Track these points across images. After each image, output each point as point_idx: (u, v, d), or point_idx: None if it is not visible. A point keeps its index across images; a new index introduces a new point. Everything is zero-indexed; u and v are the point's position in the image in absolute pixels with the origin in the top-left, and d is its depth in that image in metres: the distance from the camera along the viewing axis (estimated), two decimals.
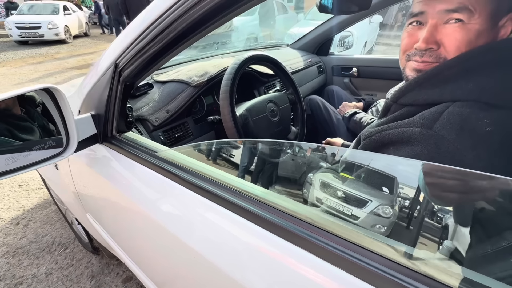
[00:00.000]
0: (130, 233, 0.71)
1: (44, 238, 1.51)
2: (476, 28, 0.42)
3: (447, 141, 0.38)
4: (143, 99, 0.93)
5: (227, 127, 0.79)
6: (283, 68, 1.07)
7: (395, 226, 0.34)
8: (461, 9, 0.42)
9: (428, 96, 0.44)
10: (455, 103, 0.41)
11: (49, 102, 0.57)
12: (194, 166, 0.52)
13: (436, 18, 0.44)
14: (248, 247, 0.41)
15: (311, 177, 0.44)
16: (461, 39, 0.43)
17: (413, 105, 0.46)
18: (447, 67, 0.44)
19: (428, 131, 0.40)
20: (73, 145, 0.60)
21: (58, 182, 1.07)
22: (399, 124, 0.44)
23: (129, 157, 0.62)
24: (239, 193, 0.43)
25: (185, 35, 0.49)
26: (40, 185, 1.94)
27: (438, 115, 0.40)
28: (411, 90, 0.47)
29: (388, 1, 1.38)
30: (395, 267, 0.28)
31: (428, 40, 0.45)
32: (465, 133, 0.38)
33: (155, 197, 0.57)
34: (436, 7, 0.44)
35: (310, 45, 1.86)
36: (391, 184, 0.36)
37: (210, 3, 0.41)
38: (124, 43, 0.56)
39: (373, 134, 0.47)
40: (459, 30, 0.43)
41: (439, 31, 0.45)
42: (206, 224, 0.47)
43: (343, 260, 0.31)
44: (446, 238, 0.29)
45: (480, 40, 0.43)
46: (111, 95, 0.62)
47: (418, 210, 0.33)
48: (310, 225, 0.35)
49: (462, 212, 0.30)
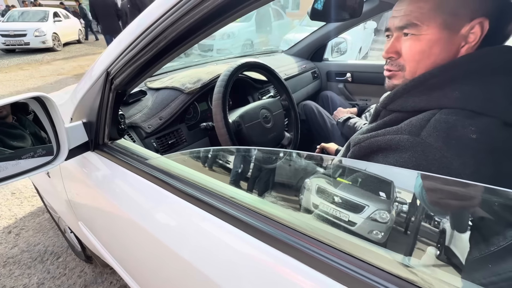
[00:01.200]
0: (122, 242, 0.70)
1: (36, 247, 1.48)
2: (427, 38, 0.46)
3: (434, 148, 0.39)
4: (136, 106, 0.93)
5: (220, 134, 0.79)
6: (276, 75, 1.08)
7: (392, 231, 0.34)
8: (409, 25, 0.47)
9: (415, 103, 0.45)
10: (441, 110, 0.42)
11: (40, 110, 0.56)
12: (186, 175, 0.52)
13: (396, 32, 0.50)
14: (242, 258, 0.40)
15: (308, 183, 0.44)
16: (414, 49, 0.47)
17: (401, 112, 0.47)
18: (433, 75, 0.45)
19: (416, 139, 0.40)
20: (63, 153, 0.59)
21: (50, 190, 1.06)
22: (387, 131, 0.45)
23: (121, 165, 0.62)
24: (233, 202, 0.43)
25: (176, 43, 0.49)
26: (34, 192, 1.92)
27: (425, 122, 0.41)
28: (399, 96, 0.48)
29: (379, 9, 1.41)
30: (393, 280, 0.28)
31: (389, 50, 0.51)
32: (451, 141, 0.39)
33: (147, 206, 0.57)
34: (394, 23, 0.50)
35: (304, 51, 1.88)
36: (388, 189, 0.36)
37: (201, 12, 0.42)
38: (115, 51, 0.57)
39: (362, 141, 0.48)
40: (411, 42, 0.48)
41: (399, 43, 0.50)
42: (199, 234, 0.46)
43: (337, 271, 0.30)
44: (444, 243, 0.29)
45: (435, 48, 0.46)
46: (103, 103, 0.62)
47: (415, 215, 0.33)
48: (305, 236, 0.35)
49: (458, 218, 0.31)
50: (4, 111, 0.57)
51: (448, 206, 0.32)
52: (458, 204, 0.31)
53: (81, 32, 9.73)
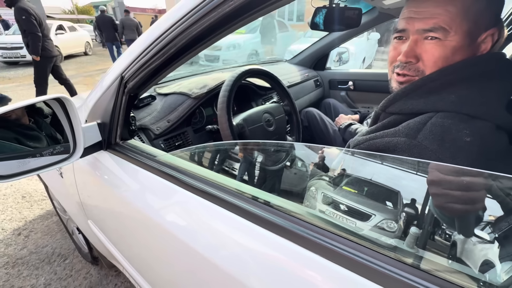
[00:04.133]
0: (133, 239, 0.73)
1: (44, 248, 1.52)
2: (452, 45, 0.45)
3: (429, 151, 0.40)
4: (146, 109, 0.98)
5: (224, 136, 0.83)
6: (278, 81, 1.13)
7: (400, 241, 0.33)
8: (436, 29, 0.45)
9: (413, 106, 0.46)
10: (437, 113, 0.43)
11: (60, 111, 0.61)
12: (193, 169, 0.55)
13: (416, 35, 0.48)
14: (253, 248, 0.41)
15: (313, 191, 0.44)
16: (438, 55, 0.46)
17: (399, 114, 0.49)
18: (431, 79, 0.46)
19: (412, 141, 0.41)
20: (79, 150, 0.64)
21: (61, 190, 1.10)
22: (385, 133, 0.46)
23: (132, 162, 0.66)
24: (241, 195, 0.45)
25: (183, 50, 0.54)
26: (43, 196, 1.97)
27: (421, 125, 0.42)
28: (398, 99, 0.49)
29: (378, 20, 1.46)
30: (402, 266, 0.28)
31: (408, 54, 0.48)
32: (446, 144, 0.40)
33: (157, 201, 0.60)
34: (415, 25, 0.47)
35: (307, 61, 1.93)
36: (395, 199, 0.36)
37: (207, 22, 0.46)
38: (129, 58, 0.62)
39: (361, 143, 0.49)
40: (436, 47, 0.46)
41: (418, 46, 0.48)
42: (209, 226, 0.48)
43: (351, 261, 0.31)
44: (456, 255, 0.28)
45: (456, 55, 0.46)
46: (116, 105, 0.67)
47: (424, 226, 0.32)
48: (315, 227, 0.35)
49: (466, 222, 0.30)
50: (13, 114, 0.60)
51: (457, 209, 0.31)
52: (466, 208, 0.30)
53: (88, 45, 9.98)
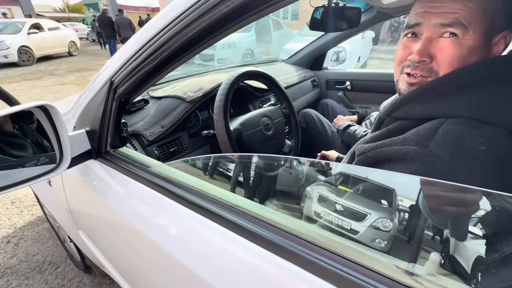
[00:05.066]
0: (123, 250, 0.70)
1: (35, 257, 1.47)
2: (469, 44, 0.42)
3: (442, 160, 0.38)
4: (138, 114, 0.94)
5: (221, 141, 0.79)
6: (276, 83, 1.10)
7: (395, 240, 0.33)
8: (456, 24, 0.42)
9: (421, 111, 0.44)
10: (448, 120, 0.40)
11: (44, 119, 0.57)
12: (188, 182, 0.52)
13: (431, 31, 0.44)
14: (245, 265, 0.40)
15: (309, 191, 0.43)
16: (454, 54, 0.43)
17: (406, 119, 0.46)
18: (441, 83, 0.44)
19: (424, 150, 0.39)
20: (66, 161, 0.60)
21: (51, 199, 1.05)
22: (393, 141, 0.43)
23: (123, 172, 0.62)
24: (234, 209, 0.43)
25: (178, 53, 0.50)
26: (34, 201, 1.91)
27: (432, 132, 0.40)
28: (405, 104, 0.46)
29: (377, 19, 1.43)
30: (396, 286, 0.27)
31: (422, 52, 0.45)
32: (459, 152, 0.37)
33: (148, 214, 0.57)
34: (432, 20, 0.44)
35: (304, 60, 1.90)
36: (389, 197, 0.36)
37: (202, 24, 0.43)
38: (119, 61, 0.58)
39: (368, 151, 0.46)
40: (452, 45, 0.43)
41: (433, 45, 0.45)
42: (200, 241, 0.46)
43: (340, 278, 0.30)
44: (448, 252, 0.28)
45: (472, 56, 0.43)
46: (106, 112, 0.63)
47: (419, 223, 0.32)
48: (307, 242, 0.34)
49: (459, 225, 0.30)
50: None
51: (450, 212, 0.31)
52: (459, 211, 0.31)
53: (73, 45, 9.32)
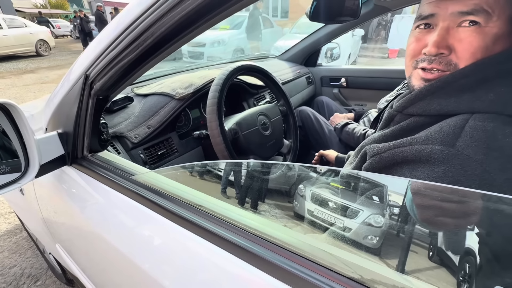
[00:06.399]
0: (103, 267, 0.62)
1: (12, 269, 1.35)
2: (493, 32, 0.38)
3: (473, 161, 0.33)
4: (121, 114, 0.85)
5: (215, 143, 0.72)
6: (273, 79, 1.03)
7: (386, 235, 0.33)
8: (477, 11, 0.38)
9: (441, 106, 0.40)
10: (473, 115, 0.36)
11: (4, 120, 0.48)
12: (176, 192, 0.46)
13: (448, 20, 0.41)
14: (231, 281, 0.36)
15: (302, 189, 0.43)
16: (476, 44, 0.39)
17: (422, 116, 0.42)
18: (463, 75, 0.39)
19: (451, 150, 0.35)
20: (33, 169, 0.51)
21: (25, 209, 0.95)
22: (414, 140, 0.39)
23: (102, 181, 0.54)
24: (225, 222, 0.38)
25: (164, 41, 0.43)
26: (11, 208, 1.77)
27: (459, 130, 0.36)
28: (421, 99, 0.42)
29: (374, 13, 1.40)
30: None
31: (439, 44, 0.41)
32: (492, 153, 0.33)
33: (130, 228, 0.50)
34: (449, 8, 0.40)
35: (298, 56, 1.87)
36: (380, 193, 0.35)
37: (191, 5, 0.36)
38: (95, 51, 0.50)
39: (383, 151, 0.41)
40: (474, 35, 0.39)
41: (451, 35, 0.41)
42: (188, 259, 0.40)
43: None
44: (437, 245, 0.29)
45: (498, 45, 0.39)
46: (81, 111, 0.55)
47: (409, 218, 0.32)
48: (298, 256, 0.32)
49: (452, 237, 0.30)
50: None
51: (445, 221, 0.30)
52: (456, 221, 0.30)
53: (44, 43, 8.36)
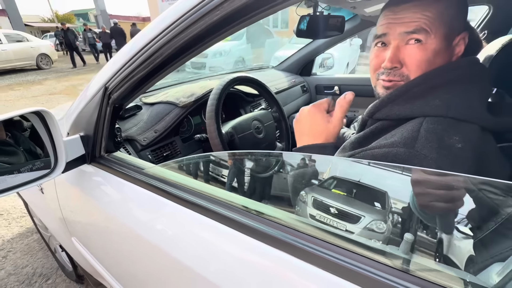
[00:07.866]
0: (120, 255, 0.70)
1: (24, 269, 1.43)
2: (433, 48, 0.47)
3: (429, 159, 0.39)
4: (132, 120, 0.96)
5: (214, 144, 0.82)
6: (266, 88, 1.13)
7: (390, 242, 0.34)
8: (419, 30, 0.46)
9: (400, 112, 0.47)
10: (426, 119, 0.43)
11: (39, 124, 0.59)
12: (182, 181, 0.54)
13: (398, 39, 0.48)
14: (242, 258, 0.41)
15: (303, 195, 0.44)
16: (420, 58, 0.47)
17: (386, 120, 0.49)
18: (415, 84, 0.47)
19: (411, 151, 0.40)
20: (61, 165, 0.61)
21: (42, 207, 1.04)
22: (382, 144, 0.45)
23: (117, 175, 0.64)
24: (229, 205, 0.44)
25: (169, 60, 0.53)
26: (23, 213, 1.87)
27: (415, 133, 0.42)
28: (384, 106, 0.50)
29: (361, 27, 1.50)
30: (393, 272, 0.29)
31: (393, 60, 0.49)
32: (443, 151, 0.39)
33: (144, 214, 0.58)
34: (397, 29, 0.48)
35: (293, 67, 1.95)
36: (382, 199, 0.36)
37: (192, 33, 0.46)
38: (113, 68, 0.60)
39: (357, 153, 0.48)
40: (418, 50, 0.47)
41: (401, 51, 0.49)
42: (198, 239, 0.47)
43: (339, 267, 0.32)
44: (442, 252, 0.29)
45: (438, 58, 0.47)
46: (100, 117, 0.65)
47: (412, 225, 0.33)
48: (304, 234, 0.36)
49: (447, 219, 0.31)
50: None
51: (443, 206, 0.32)
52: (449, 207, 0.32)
53: (45, 57, 8.57)
